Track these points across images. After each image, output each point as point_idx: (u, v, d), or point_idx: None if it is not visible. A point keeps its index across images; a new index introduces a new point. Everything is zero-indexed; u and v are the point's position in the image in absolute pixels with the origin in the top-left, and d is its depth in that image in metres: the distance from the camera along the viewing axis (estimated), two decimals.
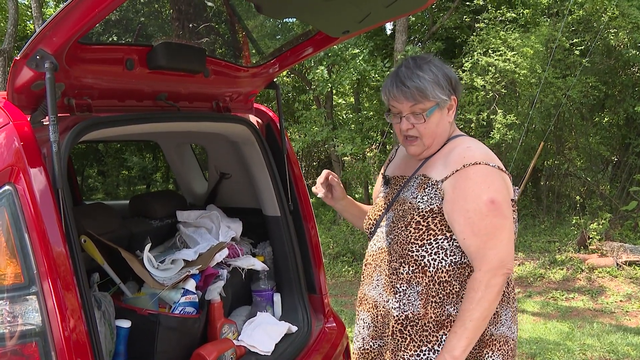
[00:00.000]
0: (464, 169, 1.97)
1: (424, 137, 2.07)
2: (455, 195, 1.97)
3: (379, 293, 2.14)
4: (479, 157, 1.99)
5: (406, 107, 2.05)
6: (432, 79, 2.02)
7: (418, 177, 2.12)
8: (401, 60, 2.15)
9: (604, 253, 8.83)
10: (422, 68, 2.04)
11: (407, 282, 2.03)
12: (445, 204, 1.99)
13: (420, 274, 2.01)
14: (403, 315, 2.03)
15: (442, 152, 2.11)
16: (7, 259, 1.65)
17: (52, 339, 1.64)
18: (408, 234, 2.03)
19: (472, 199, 1.94)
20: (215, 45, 3.01)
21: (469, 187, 1.95)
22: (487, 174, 1.97)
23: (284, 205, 2.89)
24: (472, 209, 1.93)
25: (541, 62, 9.62)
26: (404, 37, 10.47)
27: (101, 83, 2.08)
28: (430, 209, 2.01)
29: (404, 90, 2.02)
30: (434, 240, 2.00)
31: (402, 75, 2.05)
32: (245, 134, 2.78)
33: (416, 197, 2.06)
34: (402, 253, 2.04)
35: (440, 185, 2.01)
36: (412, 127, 2.07)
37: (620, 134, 11.84)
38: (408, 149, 2.14)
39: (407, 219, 2.04)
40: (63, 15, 1.57)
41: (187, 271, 2.55)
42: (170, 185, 14.20)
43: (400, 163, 2.34)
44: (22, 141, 1.70)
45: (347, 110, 15.04)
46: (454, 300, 1.99)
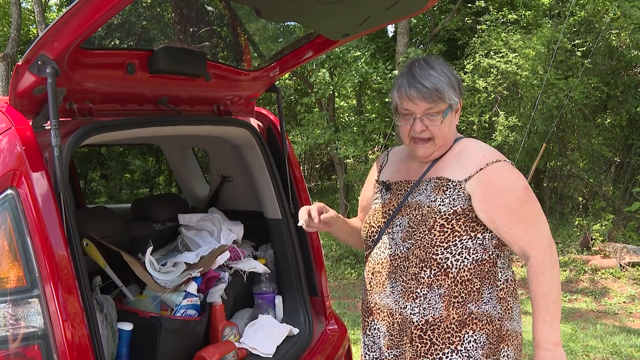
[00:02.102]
0: (488, 167, 1.99)
1: (437, 138, 2.05)
2: (488, 192, 1.98)
3: (395, 300, 2.08)
4: (497, 155, 2.04)
5: (421, 108, 2.01)
6: (446, 81, 2.01)
7: (431, 180, 2.08)
8: (410, 61, 2.09)
9: (607, 254, 8.82)
10: (436, 69, 2.02)
11: (428, 285, 2.00)
12: (476, 203, 1.99)
13: (442, 276, 1.99)
14: (423, 320, 2.01)
15: (452, 153, 2.10)
16: (10, 263, 1.67)
17: (54, 342, 1.66)
18: (432, 238, 1.99)
19: (508, 191, 1.98)
20: (216, 49, 3.03)
21: (501, 182, 1.99)
22: (511, 167, 2.04)
23: (285, 208, 2.90)
24: (511, 199, 1.97)
25: (543, 64, 9.61)
26: (405, 39, 10.47)
27: (102, 87, 2.09)
28: (453, 210, 2.00)
29: (423, 91, 1.98)
30: (459, 242, 1.99)
31: (419, 75, 2.00)
32: (247, 137, 2.79)
33: (435, 200, 2.03)
34: (424, 257, 2.00)
35: (464, 185, 2.00)
36: (425, 129, 2.03)
37: (622, 134, 11.83)
38: (417, 150, 2.09)
39: (429, 222, 2.00)
40: (64, 21, 1.59)
41: (189, 274, 2.56)
42: (173, 188, 14.22)
43: (398, 168, 2.28)
44: (24, 145, 1.72)
45: (349, 112, 15.03)
46: (475, 298, 2.00)
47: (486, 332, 2.00)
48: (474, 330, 1.99)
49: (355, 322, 6.57)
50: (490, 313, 2.01)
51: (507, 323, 2.05)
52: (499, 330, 2.02)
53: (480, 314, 2.00)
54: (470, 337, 1.99)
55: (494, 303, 2.03)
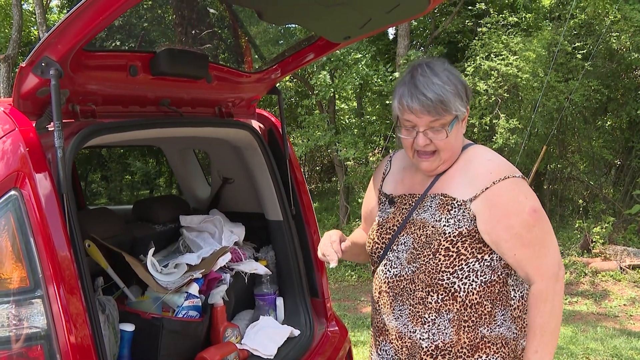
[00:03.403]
0: (494, 185, 1.85)
1: (443, 151, 1.89)
2: (494, 214, 1.84)
3: (403, 324, 1.96)
4: (505, 170, 1.88)
5: (424, 121, 1.84)
6: (452, 90, 1.84)
7: (436, 196, 1.95)
8: (411, 67, 1.92)
9: (608, 257, 8.82)
10: (441, 76, 1.84)
11: (437, 311, 1.89)
12: (481, 225, 1.86)
13: (450, 300, 1.87)
14: (432, 345, 1.90)
15: (458, 165, 1.96)
16: (13, 263, 1.67)
17: (57, 342, 1.67)
18: (438, 262, 1.86)
19: (514, 213, 1.84)
20: (217, 51, 3.04)
21: (507, 203, 1.85)
22: (519, 185, 1.88)
23: (287, 210, 2.91)
24: (517, 223, 1.84)
25: (543, 66, 9.63)
26: (406, 41, 10.50)
27: (105, 89, 2.10)
28: (458, 232, 1.86)
29: (426, 103, 1.81)
30: (465, 265, 1.86)
31: (421, 85, 1.83)
32: (248, 139, 2.80)
33: (440, 220, 1.90)
34: (430, 282, 1.88)
35: (469, 205, 1.87)
36: (429, 142, 1.87)
37: (623, 137, 11.84)
38: (421, 164, 1.94)
39: (433, 245, 1.88)
40: (68, 23, 1.60)
41: (191, 275, 2.57)
42: (173, 190, 14.24)
43: (403, 179, 2.11)
44: (28, 147, 1.73)
45: (350, 114, 15.06)
46: (486, 321, 1.89)
47: (501, 355, 1.90)
48: (487, 354, 1.89)
49: (355, 323, 6.58)
50: (505, 335, 1.91)
51: (522, 342, 1.94)
52: (514, 352, 1.93)
53: (493, 337, 1.89)
54: None
55: (508, 324, 1.92)
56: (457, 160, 1.97)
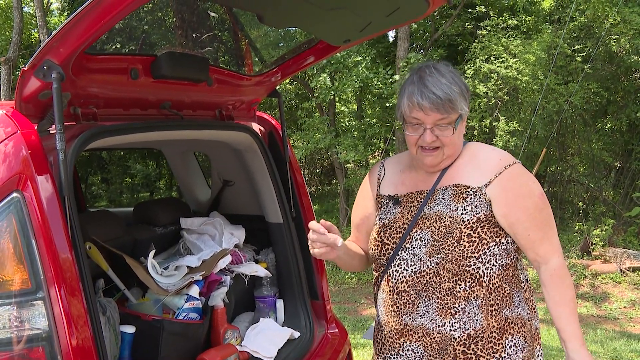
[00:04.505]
0: (506, 170, 1.97)
1: (447, 147, 1.98)
2: (509, 197, 1.95)
3: (430, 319, 1.98)
4: (510, 157, 2.02)
5: (432, 119, 1.93)
6: (458, 90, 1.93)
7: (447, 188, 2.02)
8: (418, 68, 2.00)
9: (607, 259, 8.82)
10: (447, 77, 1.94)
11: (465, 299, 1.95)
12: (497, 208, 1.95)
13: (477, 286, 1.94)
14: (465, 334, 1.95)
15: (462, 159, 2.05)
16: (15, 265, 1.68)
17: (58, 344, 1.67)
18: (463, 249, 1.93)
19: (528, 195, 1.97)
20: (218, 54, 3.05)
21: (521, 186, 1.98)
22: (527, 171, 2.03)
23: (287, 212, 2.91)
24: (531, 205, 1.96)
25: (543, 69, 9.64)
26: (406, 44, 10.52)
27: (106, 92, 2.11)
28: (476, 218, 1.95)
29: (435, 101, 1.90)
30: (487, 249, 1.95)
31: (431, 84, 1.91)
32: (248, 142, 2.81)
33: (456, 210, 1.97)
34: (457, 270, 1.94)
35: (484, 191, 1.96)
36: (436, 139, 1.95)
37: (622, 139, 11.85)
38: (424, 159, 2.00)
39: (455, 234, 1.94)
40: (70, 27, 1.61)
41: (191, 277, 2.57)
42: (173, 192, 14.24)
43: (402, 180, 2.16)
44: (30, 149, 1.73)
45: (350, 117, 15.09)
46: (507, 303, 1.98)
47: (523, 334, 2.00)
48: (512, 335, 1.98)
49: (355, 326, 6.58)
50: (522, 315, 2.01)
51: (535, 322, 2.07)
52: (530, 331, 2.03)
53: (515, 317, 1.99)
54: (511, 342, 1.97)
55: (523, 305, 2.03)
56: (460, 155, 2.06)
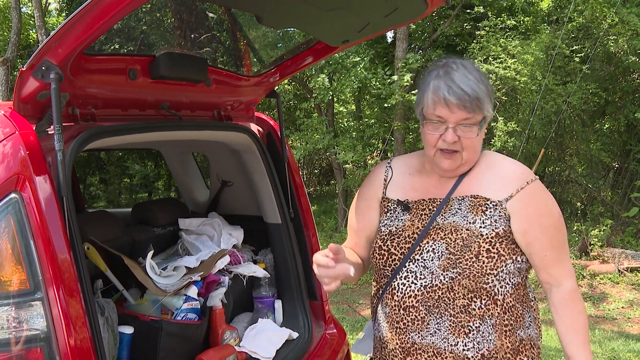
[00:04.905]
0: (528, 185, 1.87)
1: (466, 151, 1.84)
2: (530, 213, 1.85)
3: (442, 338, 1.85)
4: (530, 171, 1.92)
5: (457, 117, 1.79)
6: (485, 90, 1.81)
7: (465, 198, 1.89)
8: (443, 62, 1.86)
9: (606, 259, 8.83)
10: (475, 74, 1.81)
11: (480, 317, 1.83)
12: (517, 225, 1.84)
13: (492, 305, 1.83)
14: (478, 354, 1.84)
15: (480, 168, 1.93)
16: (13, 266, 1.68)
17: (56, 345, 1.67)
18: (482, 265, 1.80)
19: (548, 214, 1.89)
20: (216, 55, 3.05)
21: (541, 204, 1.89)
22: (545, 189, 1.94)
23: (285, 213, 2.92)
24: (550, 224, 1.88)
25: (541, 69, 9.65)
26: (404, 44, 10.52)
27: (105, 93, 2.11)
28: (495, 233, 1.83)
29: (463, 98, 1.76)
30: (504, 266, 1.83)
31: (459, 80, 1.78)
32: (247, 143, 2.81)
33: (474, 222, 1.85)
34: (473, 287, 1.82)
35: (504, 205, 1.85)
36: (457, 140, 1.81)
37: (621, 140, 11.87)
38: (441, 162, 1.87)
39: (473, 248, 1.81)
40: (68, 27, 1.61)
41: (189, 278, 2.57)
42: (172, 193, 14.23)
43: (412, 184, 2.02)
44: (28, 150, 1.73)
45: (348, 118, 15.08)
46: (521, 324, 1.89)
47: (531, 356, 1.91)
48: (526, 356, 1.89)
49: (354, 326, 6.59)
50: (532, 336, 1.93)
51: (539, 343, 1.98)
52: (538, 352, 1.96)
53: (527, 338, 1.91)
54: None
55: (533, 326, 1.94)
56: (477, 163, 1.94)
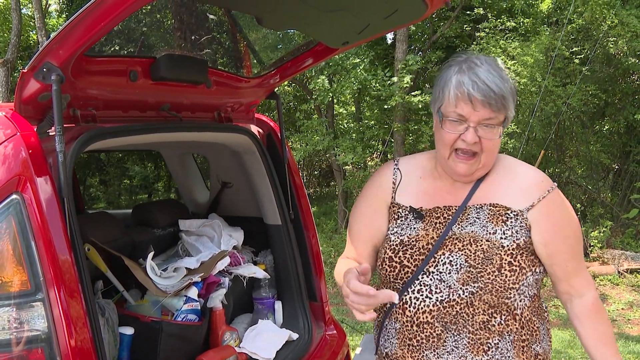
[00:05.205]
0: (549, 194, 1.78)
1: (486, 153, 1.73)
2: (552, 224, 1.76)
3: (460, 356, 1.74)
4: (549, 178, 1.83)
5: (480, 116, 1.66)
6: (510, 89, 1.69)
7: (483, 207, 1.78)
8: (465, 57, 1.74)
9: (606, 261, 8.84)
10: (499, 72, 1.69)
11: (499, 334, 1.74)
12: (538, 235, 1.76)
13: (511, 320, 1.75)
14: None
15: (496, 174, 1.83)
16: (14, 266, 1.69)
17: (57, 345, 1.68)
18: (505, 279, 1.70)
19: (569, 224, 1.81)
20: (217, 56, 3.06)
21: (563, 213, 1.81)
22: (563, 196, 1.85)
23: (285, 214, 2.92)
24: (571, 234, 1.81)
25: (541, 71, 9.66)
26: (404, 46, 10.53)
27: (105, 94, 2.12)
28: (516, 244, 1.73)
29: (489, 95, 1.64)
30: (525, 279, 1.73)
31: (484, 76, 1.65)
32: (247, 144, 2.82)
33: (494, 233, 1.74)
34: (494, 302, 1.72)
35: (526, 215, 1.76)
36: (478, 140, 1.68)
37: (620, 141, 11.88)
38: (456, 166, 1.74)
39: (495, 261, 1.70)
40: (69, 29, 1.61)
41: (190, 279, 2.58)
42: (172, 194, 14.24)
43: (425, 189, 1.88)
44: (29, 151, 1.74)
45: (348, 119, 15.08)
46: (537, 338, 1.81)
47: None
48: None
49: (354, 328, 6.59)
50: (546, 350, 1.86)
51: (550, 355, 1.91)
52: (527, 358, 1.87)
53: (542, 353, 1.83)
54: None
55: (546, 338, 1.87)
56: (493, 169, 1.83)
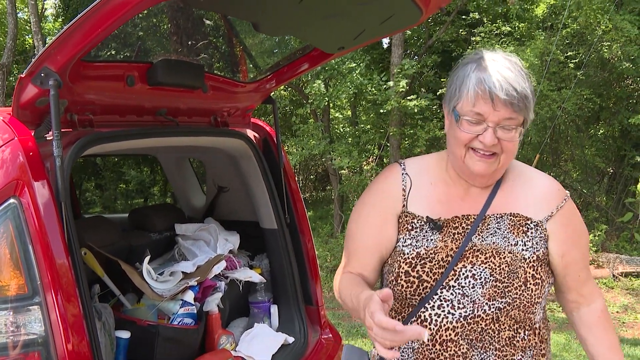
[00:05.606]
0: (566, 203, 1.72)
1: (506, 154, 1.60)
2: (568, 234, 1.71)
3: None
4: (561, 186, 1.77)
5: (500, 115, 1.54)
6: (531, 89, 1.59)
7: (503, 216, 1.68)
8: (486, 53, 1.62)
9: (601, 264, 8.87)
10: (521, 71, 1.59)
11: (522, 349, 1.67)
12: (555, 246, 1.69)
13: (532, 335, 1.69)
14: None
15: (511, 180, 1.74)
16: (12, 270, 1.70)
17: (54, 349, 1.69)
18: (531, 294, 1.63)
19: (583, 234, 1.78)
20: (213, 61, 3.07)
21: (578, 223, 1.76)
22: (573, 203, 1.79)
23: (281, 218, 2.93)
24: (584, 244, 1.79)
25: (536, 75, 9.69)
26: (400, 50, 10.57)
27: (103, 99, 2.13)
28: (536, 256, 1.66)
29: (512, 95, 1.52)
30: (544, 292, 1.68)
31: (507, 74, 1.54)
32: (243, 149, 2.83)
33: (516, 245, 1.66)
34: (521, 318, 1.65)
35: (545, 225, 1.69)
36: (497, 142, 1.57)
37: (615, 145, 11.92)
38: (475, 165, 1.61)
39: (519, 274, 1.63)
40: (67, 35, 1.63)
41: (186, 283, 2.59)
42: (167, 199, 14.22)
43: (440, 196, 1.73)
44: (27, 156, 1.75)
45: (344, 123, 15.10)
46: (548, 349, 1.76)
47: None
48: None
49: (349, 332, 6.59)
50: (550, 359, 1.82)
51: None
52: None
53: None
54: None
55: (550, 348, 1.82)
56: (506, 175, 1.74)
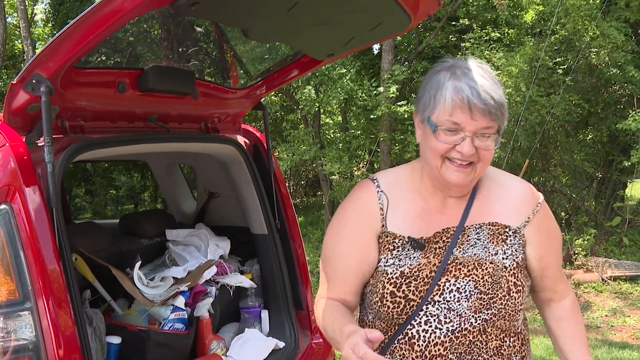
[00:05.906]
0: (540, 207, 1.71)
1: (483, 162, 1.58)
2: (545, 238, 1.71)
3: None
4: (534, 189, 1.76)
5: (477, 125, 1.51)
6: (504, 97, 1.57)
7: (482, 226, 1.66)
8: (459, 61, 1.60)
9: (590, 268, 8.91)
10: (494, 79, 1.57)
11: (509, 356, 1.67)
12: (532, 251, 1.69)
13: (517, 341, 1.69)
14: None
15: (487, 187, 1.71)
16: (2, 276, 1.70)
17: (45, 355, 1.69)
18: (515, 302, 1.62)
19: (557, 236, 1.79)
20: (204, 67, 3.08)
21: (552, 226, 1.76)
22: None
23: (271, 224, 2.94)
24: (559, 246, 1.80)
25: (525, 81, 9.75)
26: (390, 56, 10.60)
27: (94, 105, 2.14)
28: (516, 263, 1.64)
29: (489, 104, 1.49)
30: (524, 297, 1.67)
31: (481, 82, 1.51)
32: (233, 154, 2.84)
33: (496, 254, 1.63)
34: (506, 327, 1.64)
35: (522, 231, 1.67)
36: (474, 152, 1.53)
37: (603, 150, 12.00)
38: (451, 175, 1.57)
39: (502, 284, 1.61)
40: (59, 42, 1.64)
41: (177, 288, 2.59)
42: (158, 204, 14.17)
43: (418, 211, 1.68)
44: (18, 162, 1.76)
45: (335, 129, 15.11)
46: (528, 350, 1.75)
47: None
48: None
49: None
50: None
51: None
52: None
53: None
54: None
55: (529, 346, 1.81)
56: (481, 183, 1.71)
